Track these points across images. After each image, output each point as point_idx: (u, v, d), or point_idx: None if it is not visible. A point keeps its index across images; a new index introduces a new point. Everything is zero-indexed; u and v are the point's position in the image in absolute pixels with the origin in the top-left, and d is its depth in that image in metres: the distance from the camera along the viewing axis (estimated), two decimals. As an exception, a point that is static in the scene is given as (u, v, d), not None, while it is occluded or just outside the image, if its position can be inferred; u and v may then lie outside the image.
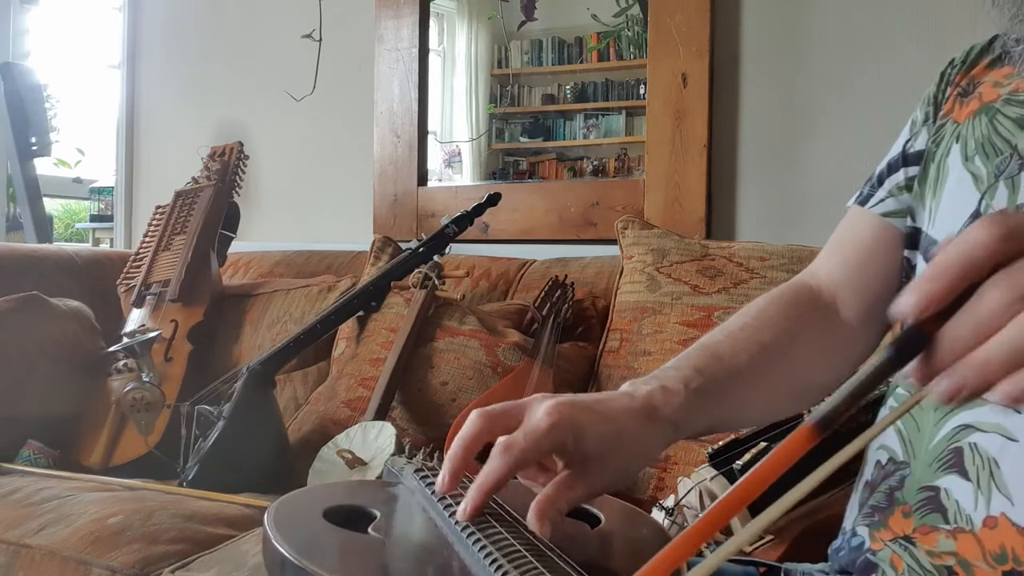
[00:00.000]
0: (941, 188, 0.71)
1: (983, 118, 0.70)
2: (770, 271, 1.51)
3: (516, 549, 0.52)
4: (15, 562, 1.19)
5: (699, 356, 0.71)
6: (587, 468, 0.59)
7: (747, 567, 0.77)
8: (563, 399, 0.61)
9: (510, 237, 2.08)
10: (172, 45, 2.68)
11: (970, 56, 0.77)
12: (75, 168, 4.22)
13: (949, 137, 0.72)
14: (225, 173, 2.14)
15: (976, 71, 0.75)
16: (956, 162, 0.69)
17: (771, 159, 1.86)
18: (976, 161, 0.68)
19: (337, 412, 1.64)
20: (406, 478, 0.71)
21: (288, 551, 0.54)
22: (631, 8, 2.08)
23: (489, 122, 2.31)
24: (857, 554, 0.69)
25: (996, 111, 0.69)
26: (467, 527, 0.56)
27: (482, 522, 0.57)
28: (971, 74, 0.75)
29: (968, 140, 0.69)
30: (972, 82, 0.75)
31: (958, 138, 0.71)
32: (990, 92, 0.72)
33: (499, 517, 0.58)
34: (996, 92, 0.71)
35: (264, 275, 2.17)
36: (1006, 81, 0.72)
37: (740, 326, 0.75)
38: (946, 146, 0.72)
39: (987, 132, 0.68)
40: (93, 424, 1.74)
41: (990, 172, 0.66)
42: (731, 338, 0.74)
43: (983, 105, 0.71)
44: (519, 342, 1.63)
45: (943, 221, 0.69)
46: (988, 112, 0.70)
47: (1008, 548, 0.59)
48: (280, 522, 0.58)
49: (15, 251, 2.10)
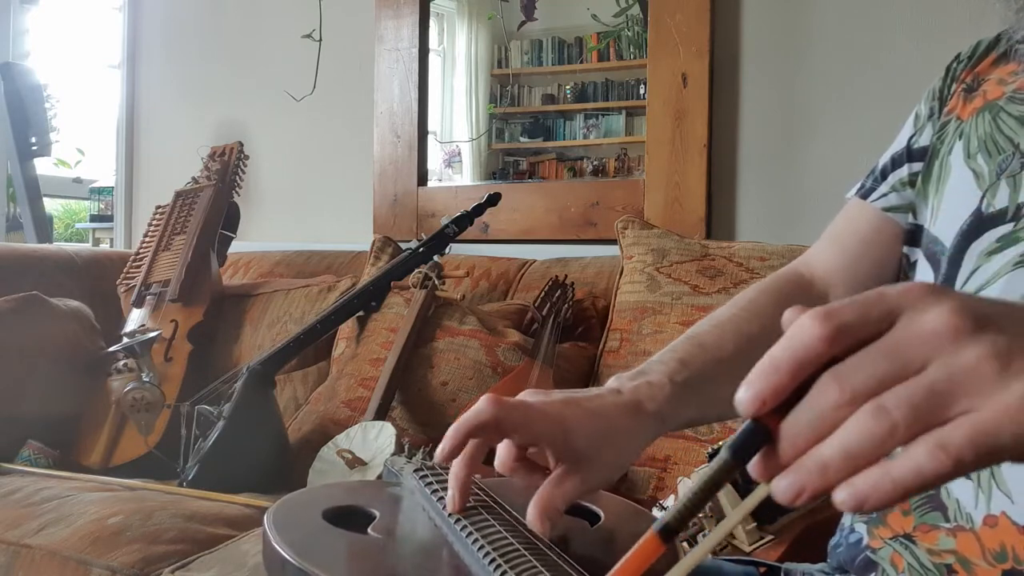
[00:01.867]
0: (943, 185, 0.71)
1: (986, 115, 0.69)
2: (770, 271, 1.50)
3: (515, 548, 0.52)
4: (15, 562, 1.19)
5: (685, 347, 0.72)
6: (579, 464, 0.60)
7: (747, 567, 0.77)
8: (554, 396, 0.62)
9: (510, 237, 2.08)
10: (172, 45, 2.68)
11: (977, 51, 0.77)
12: (75, 168, 4.22)
13: (953, 134, 0.72)
14: (225, 173, 2.14)
15: (982, 67, 0.75)
16: (958, 159, 0.69)
17: (771, 159, 1.86)
18: (978, 159, 0.67)
19: (337, 412, 1.64)
20: (405, 478, 0.71)
21: (288, 552, 0.54)
22: (631, 8, 2.08)
23: (489, 122, 2.31)
24: (856, 551, 0.69)
25: (1000, 109, 0.69)
26: (466, 527, 0.56)
27: (481, 521, 0.57)
28: (976, 70, 0.75)
29: (971, 137, 0.69)
30: (977, 79, 0.74)
31: (961, 135, 0.70)
32: (995, 89, 0.71)
33: (498, 516, 0.58)
34: (1000, 90, 0.71)
35: (264, 275, 2.17)
36: (1010, 78, 0.71)
37: (728, 316, 0.75)
38: (949, 143, 0.72)
39: (990, 130, 0.68)
40: (93, 424, 1.74)
41: (992, 170, 0.66)
42: (718, 328, 0.74)
43: (987, 103, 0.71)
44: (519, 342, 1.63)
45: (944, 219, 0.69)
46: (992, 110, 0.69)
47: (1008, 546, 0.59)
48: (280, 523, 0.58)
49: (15, 251, 2.10)
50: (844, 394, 0.35)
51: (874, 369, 0.34)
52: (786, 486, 0.35)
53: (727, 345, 0.72)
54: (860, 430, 0.34)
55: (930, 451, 0.32)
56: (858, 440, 0.34)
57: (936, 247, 0.69)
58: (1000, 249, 0.64)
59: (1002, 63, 0.74)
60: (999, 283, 0.63)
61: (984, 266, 0.64)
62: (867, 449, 0.34)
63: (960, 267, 0.66)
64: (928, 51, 1.68)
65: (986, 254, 0.64)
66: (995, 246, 0.64)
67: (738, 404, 0.37)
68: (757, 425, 0.37)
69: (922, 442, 0.33)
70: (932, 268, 0.69)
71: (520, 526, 0.57)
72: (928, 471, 0.32)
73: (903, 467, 0.33)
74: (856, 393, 0.35)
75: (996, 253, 0.64)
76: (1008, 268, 0.62)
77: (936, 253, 0.69)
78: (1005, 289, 0.62)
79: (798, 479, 0.35)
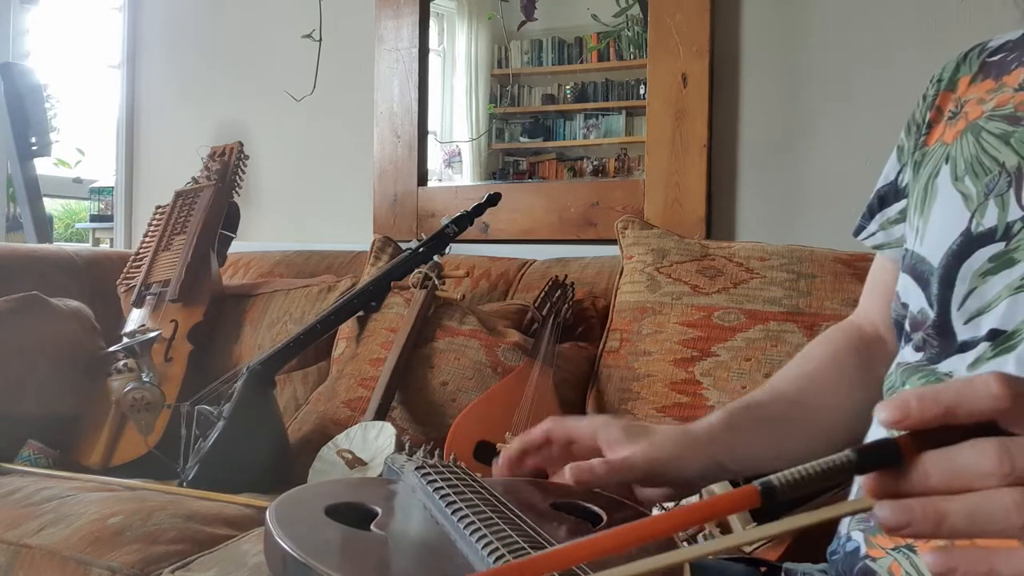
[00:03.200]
0: (929, 207, 0.71)
1: (969, 137, 0.70)
2: (770, 271, 1.51)
3: (519, 544, 0.52)
4: (15, 562, 1.19)
5: (749, 395, 0.79)
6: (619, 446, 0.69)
7: (748, 567, 0.77)
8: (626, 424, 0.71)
9: (510, 237, 2.08)
10: (172, 45, 2.68)
11: (946, 74, 0.78)
12: (75, 168, 4.22)
13: (938, 158, 0.72)
14: (225, 173, 2.14)
15: (961, 90, 0.76)
16: (945, 182, 0.70)
17: (771, 159, 1.86)
18: (966, 181, 0.68)
19: (337, 412, 1.64)
20: (407, 475, 0.71)
21: (291, 547, 0.54)
22: (631, 8, 2.08)
23: (489, 122, 2.31)
24: (853, 560, 0.69)
25: (981, 128, 0.69)
26: (470, 522, 0.56)
27: (485, 518, 0.57)
28: (956, 93, 0.76)
29: (958, 160, 0.69)
30: (959, 102, 0.75)
31: (947, 159, 0.71)
32: (975, 110, 0.72)
33: (502, 514, 0.58)
34: (980, 109, 0.71)
35: (264, 275, 2.17)
36: (988, 96, 0.72)
37: (783, 373, 0.83)
38: (935, 167, 0.72)
39: (975, 151, 0.68)
40: (93, 424, 1.74)
41: (980, 191, 0.66)
42: (777, 378, 0.82)
43: (969, 124, 0.71)
44: (519, 342, 1.63)
45: (932, 239, 0.69)
46: (974, 130, 0.70)
47: None
48: (282, 519, 0.58)
49: (15, 251, 2.10)
50: (1003, 467, 0.35)
51: None
52: (891, 514, 0.35)
53: (783, 384, 0.80)
54: (997, 508, 0.34)
55: None
56: (990, 516, 0.34)
57: (923, 267, 0.70)
58: (995, 271, 0.64)
59: (978, 80, 0.74)
60: (1000, 307, 0.63)
61: (980, 288, 0.64)
62: (992, 528, 0.34)
63: (953, 288, 0.66)
64: (928, 51, 1.68)
65: (980, 275, 0.64)
66: (988, 266, 0.64)
67: (878, 412, 0.37)
68: (894, 444, 0.37)
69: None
70: (920, 287, 0.70)
71: (525, 525, 0.57)
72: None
73: (1008, 567, 0.33)
74: (1017, 475, 0.34)
75: (992, 275, 0.64)
76: (1008, 292, 0.63)
77: (924, 273, 0.69)
78: (1006, 314, 0.62)
79: (909, 515, 0.35)
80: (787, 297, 1.47)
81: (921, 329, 0.69)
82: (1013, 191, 0.64)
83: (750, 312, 1.48)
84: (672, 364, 1.50)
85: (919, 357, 0.70)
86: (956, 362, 0.65)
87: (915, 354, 0.70)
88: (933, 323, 0.68)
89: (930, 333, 0.68)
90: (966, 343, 0.65)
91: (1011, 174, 0.65)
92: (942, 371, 0.66)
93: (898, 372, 0.71)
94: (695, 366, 1.48)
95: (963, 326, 0.65)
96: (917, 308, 0.70)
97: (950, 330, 0.66)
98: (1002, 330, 0.62)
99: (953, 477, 0.35)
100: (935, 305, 0.67)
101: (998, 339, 0.62)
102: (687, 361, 1.49)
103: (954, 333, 0.66)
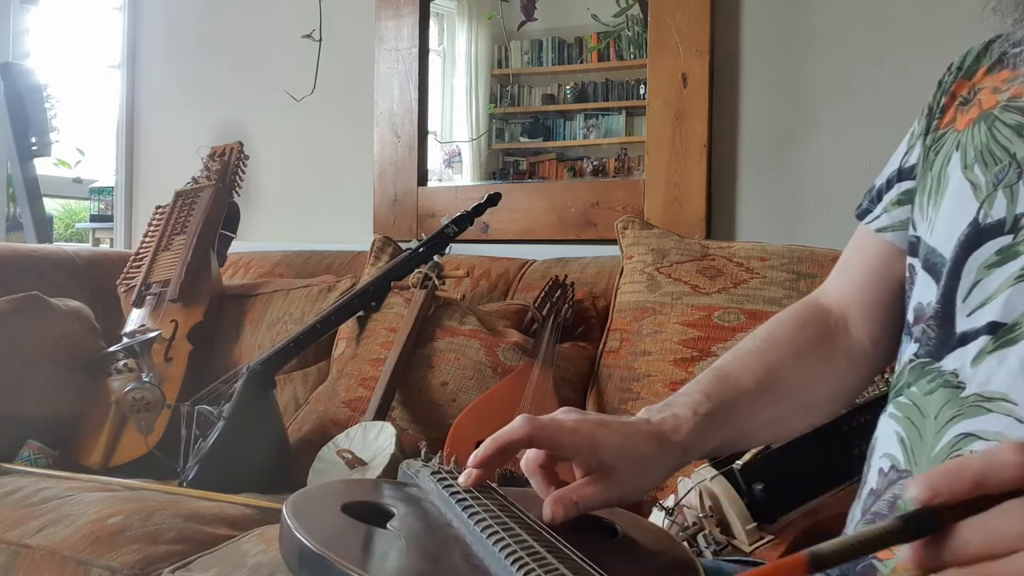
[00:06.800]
0: (940, 197, 0.70)
1: (982, 126, 0.69)
2: (770, 271, 1.51)
3: (537, 551, 0.52)
4: (15, 562, 1.19)
5: (709, 380, 0.76)
6: (603, 477, 0.65)
7: (747, 567, 0.76)
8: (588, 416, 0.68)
9: (510, 237, 2.08)
10: (172, 45, 2.68)
11: (966, 62, 0.77)
12: (75, 168, 4.22)
13: (950, 146, 0.71)
14: (225, 173, 2.14)
15: (976, 78, 0.75)
16: (956, 171, 0.69)
17: (771, 159, 1.86)
18: (975, 170, 0.67)
19: (337, 412, 1.64)
20: (422, 480, 0.71)
21: (307, 539, 0.54)
22: (631, 8, 2.08)
23: (489, 122, 2.31)
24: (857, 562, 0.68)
25: (995, 118, 0.68)
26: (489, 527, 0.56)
27: (503, 525, 0.57)
28: (971, 81, 0.75)
29: (968, 148, 0.69)
30: (972, 89, 0.74)
31: (958, 146, 0.70)
32: (989, 99, 0.71)
33: (519, 521, 0.59)
34: (995, 98, 0.70)
35: (264, 275, 2.17)
36: (1004, 86, 0.71)
37: (749, 348, 0.80)
38: (946, 155, 0.71)
39: (986, 140, 0.68)
40: (93, 424, 1.74)
41: (989, 181, 0.66)
42: (740, 360, 0.79)
43: (982, 112, 0.70)
44: (519, 342, 1.63)
45: (942, 230, 0.69)
46: (987, 120, 0.69)
47: None
48: (299, 513, 0.59)
49: (15, 251, 2.10)
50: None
51: None
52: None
53: (748, 376, 0.77)
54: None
55: None
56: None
57: (935, 258, 0.69)
58: (1000, 263, 0.63)
59: (995, 71, 0.73)
60: (1000, 298, 0.62)
61: (984, 280, 0.64)
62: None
63: (960, 280, 0.65)
64: (928, 51, 1.68)
65: (986, 267, 0.64)
66: (995, 259, 0.64)
67: (909, 489, 0.41)
68: (935, 514, 0.41)
69: None
70: (933, 279, 0.69)
71: (542, 530, 0.57)
72: None
73: None
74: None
75: (996, 267, 0.63)
76: (1009, 283, 0.62)
77: (936, 265, 0.69)
78: (1006, 305, 0.62)
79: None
80: (787, 297, 1.47)
81: (923, 321, 0.69)
82: (1022, 183, 0.63)
83: (750, 312, 1.48)
84: (672, 364, 1.50)
85: (916, 348, 0.69)
86: (958, 358, 0.64)
87: (913, 346, 0.70)
88: (936, 314, 0.67)
89: (930, 324, 0.68)
90: (965, 335, 0.64)
91: (1021, 165, 0.64)
92: (947, 369, 0.65)
93: (906, 372, 0.70)
94: (695, 366, 1.48)
95: (965, 319, 0.65)
96: (927, 301, 0.69)
97: (951, 322, 0.66)
98: (1001, 322, 0.62)
99: (990, 544, 0.39)
100: (941, 297, 0.67)
101: (998, 332, 0.62)
102: (687, 361, 1.49)
103: (954, 325, 0.65)
